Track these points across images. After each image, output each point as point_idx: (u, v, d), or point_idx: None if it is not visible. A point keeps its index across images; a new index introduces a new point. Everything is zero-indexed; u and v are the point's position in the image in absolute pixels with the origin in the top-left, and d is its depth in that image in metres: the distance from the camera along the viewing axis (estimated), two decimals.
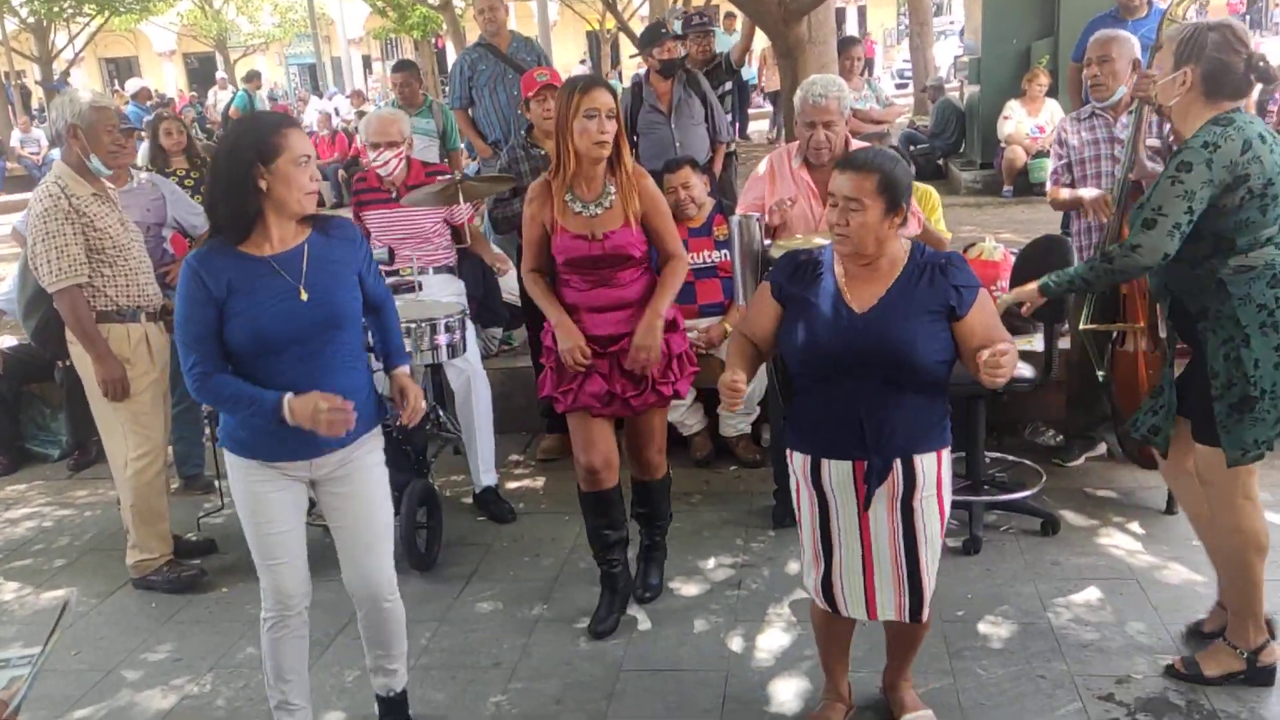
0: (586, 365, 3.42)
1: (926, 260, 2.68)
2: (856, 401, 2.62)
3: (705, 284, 5.02)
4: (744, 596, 3.84)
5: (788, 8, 5.76)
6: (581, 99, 3.25)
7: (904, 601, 2.74)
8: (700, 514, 4.55)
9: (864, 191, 2.57)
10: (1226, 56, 2.87)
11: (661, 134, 6.31)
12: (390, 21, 27.43)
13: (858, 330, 2.61)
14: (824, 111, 4.02)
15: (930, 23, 18.86)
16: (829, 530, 2.75)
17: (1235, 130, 2.83)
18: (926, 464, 2.66)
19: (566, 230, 3.39)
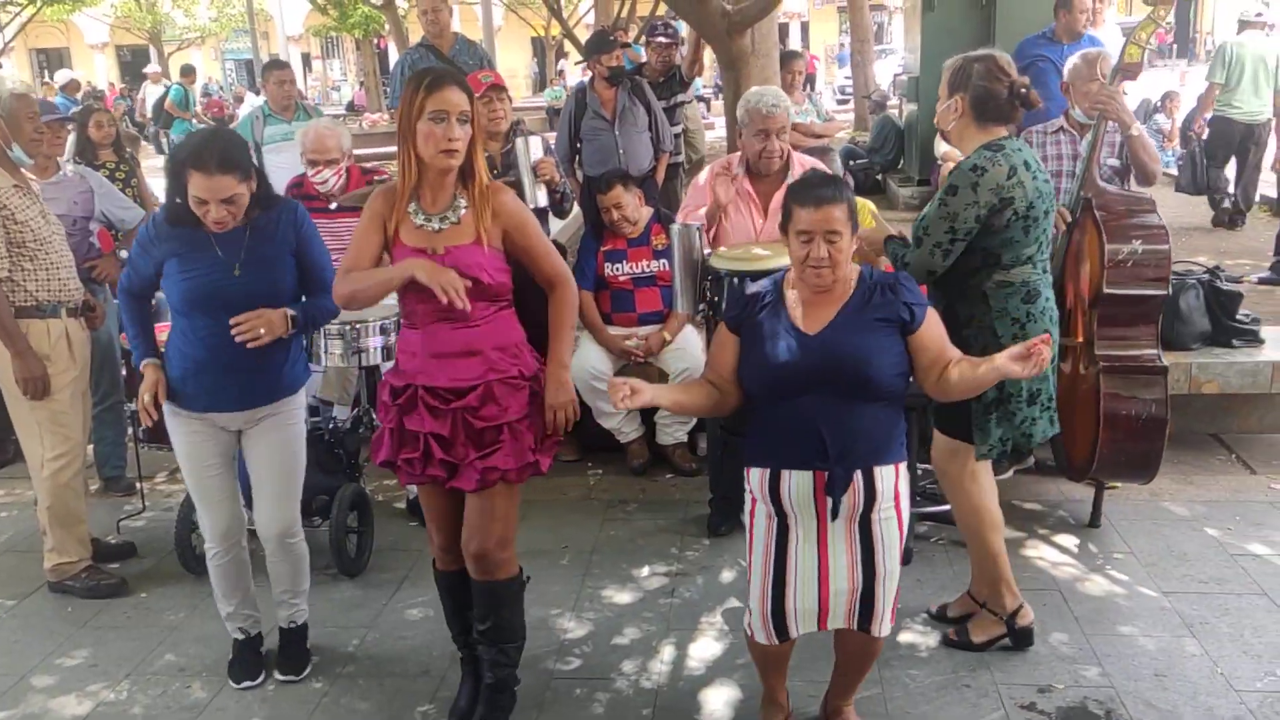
0: (465, 306, 2.72)
1: (876, 280, 2.73)
2: (817, 415, 2.64)
3: (644, 293, 5.03)
4: (677, 605, 3.84)
5: (732, 20, 5.80)
6: (427, 98, 2.72)
7: (855, 608, 2.73)
8: (635, 521, 4.54)
9: (839, 221, 2.63)
10: (990, 84, 3.17)
11: (605, 141, 6.32)
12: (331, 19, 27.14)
13: (813, 350, 2.65)
14: (776, 120, 4.08)
15: (871, 40, 19.14)
16: (785, 551, 2.73)
17: (1003, 157, 3.12)
18: (885, 476, 2.68)
19: (405, 244, 2.85)
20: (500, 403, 2.88)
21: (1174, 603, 3.69)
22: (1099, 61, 4.37)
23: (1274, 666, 3.31)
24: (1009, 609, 3.43)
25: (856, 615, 2.74)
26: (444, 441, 2.88)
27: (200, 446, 3.27)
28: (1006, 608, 3.43)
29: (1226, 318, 5.00)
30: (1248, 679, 3.25)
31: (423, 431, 2.87)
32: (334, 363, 4.10)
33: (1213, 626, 3.54)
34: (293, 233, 3.20)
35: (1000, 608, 3.44)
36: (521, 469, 2.92)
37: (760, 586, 2.76)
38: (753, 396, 2.77)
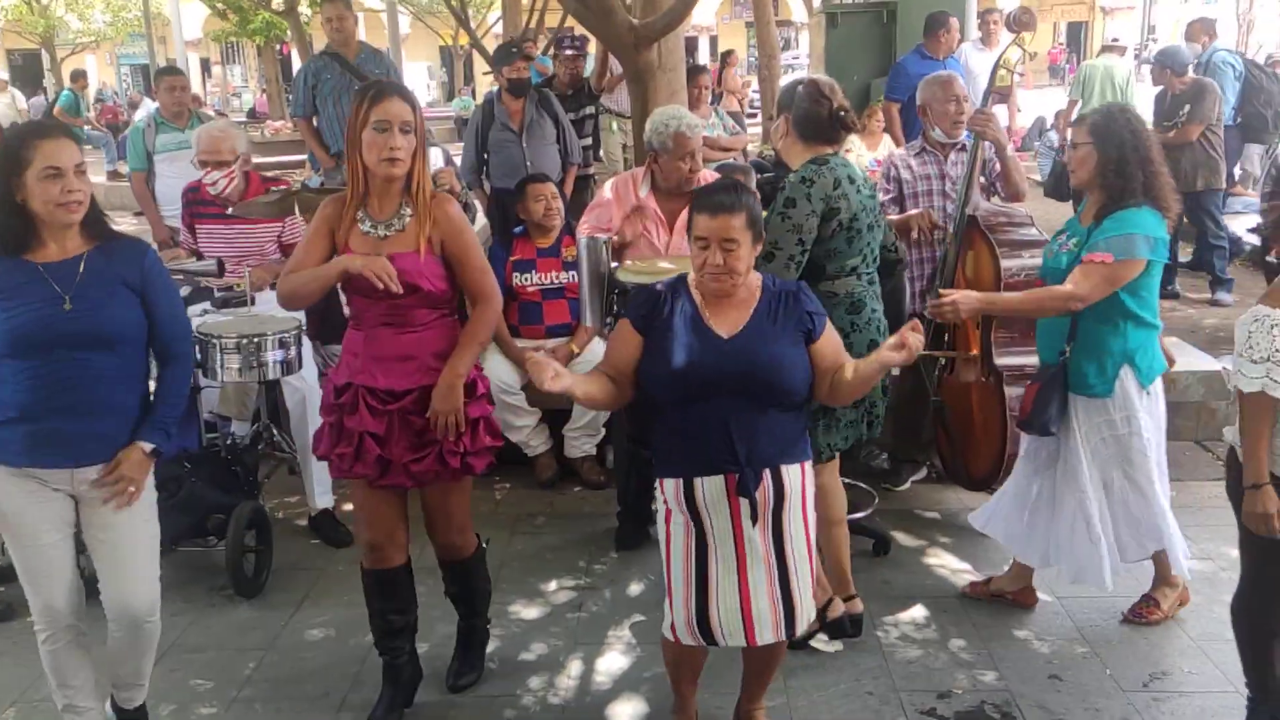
0: (398, 290, 2.83)
1: (779, 289, 2.81)
2: (725, 418, 2.68)
3: (553, 305, 5.01)
4: (584, 619, 3.82)
5: (639, 33, 5.81)
6: (371, 109, 2.83)
7: (780, 619, 2.77)
8: (543, 536, 4.52)
9: (737, 230, 2.67)
10: (812, 106, 3.36)
11: (512, 153, 6.30)
12: (231, 25, 26.54)
13: (727, 354, 2.70)
14: (697, 141, 4.13)
15: (778, 55, 19.38)
16: (705, 557, 2.75)
17: (828, 169, 3.31)
18: (792, 475, 2.76)
19: (353, 250, 2.94)
20: None
21: (1067, 606, 3.79)
22: (951, 83, 4.53)
23: (1160, 667, 3.43)
24: (819, 602, 3.40)
25: (783, 624, 2.78)
26: (379, 440, 2.97)
27: (26, 510, 2.77)
28: (818, 600, 3.42)
29: None
30: (1135, 680, 3.36)
31: (360, 430, 2.96)
32: (231, 378, 4.00)
33: (1102, 629, 3.65)
34: (137, 272, 2.80)
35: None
36: (456, 472, 3.03)
37: (683, 594, 2.76)
38: (660, 399, 2.77)
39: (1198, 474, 4.96)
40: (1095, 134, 3.32)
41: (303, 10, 21.25)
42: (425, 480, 3.03)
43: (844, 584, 3.60)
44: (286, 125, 17.13)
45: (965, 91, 4.67)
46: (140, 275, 2.80)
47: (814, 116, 3.35)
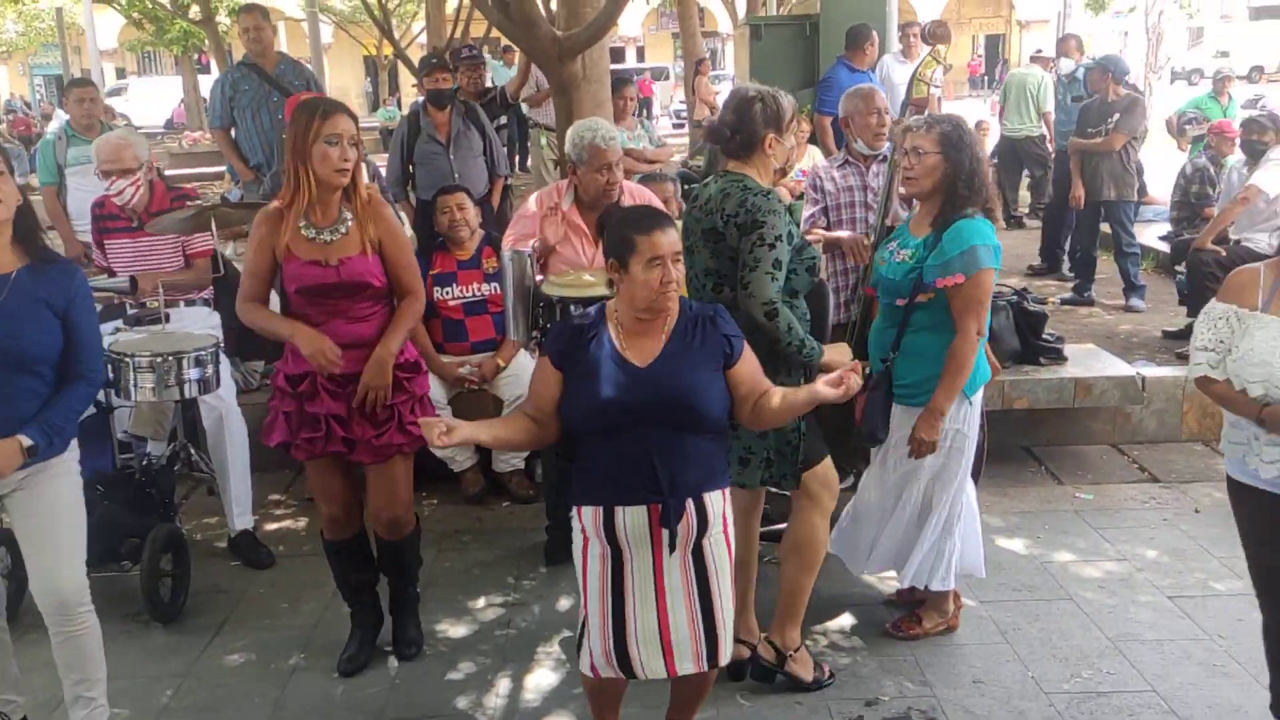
0: (338, 370, 3.20)
1: (696, 313, 2.77)
2: (647, 448, 2.65)
3: (476, 320, 4.97)
4: (513, 636, 3.79)
5: (562, 45, 5.81)
6: (322, 124, 3.12)
7: (701, 649, 2.74)
8: (471, 552, 4.47)
9: (680, 243, 2.70)
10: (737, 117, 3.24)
11: (439, 164, 6.24)
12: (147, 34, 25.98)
13: (644, 384, 2.66)
14: (614, 153, 4.10)
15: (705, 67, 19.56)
16: (622, 588, 2.71)
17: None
18: (714, 502, 2.73)
19: (298, 257, 3.21)
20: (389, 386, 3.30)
21: (990, 611, 3.86)
22: (872, 96, 4.60)
23: (1080, 668, 3.50)
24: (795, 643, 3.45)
25: (705, 654, 2.74)
26: (342, 421, 3.28)
27: None
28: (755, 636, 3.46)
29: (1034, 337, 5.29)
30: (1056, 681, 3.43)
31: (324, 413, 3.26)
32: (145, 397, 3.89)
33: (1025, 632, 3.72)
34: (64, 295, 2.83)
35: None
36: (412, 441, 3.35)
37: (600, 623, 2.72)
38: (579, 433, 2.73)
39: (1114, 477, 5.09)
40: (947, 144, 3.32)
41: (221, 20, 20.90)
42: (387, 454, 3.35)
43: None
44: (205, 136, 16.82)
45: (886, 104, 4.73)
46: (66, 299, 2.84)
47: (720, 133, 3.31)
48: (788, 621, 3.40)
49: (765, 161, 3.20)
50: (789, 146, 3.23)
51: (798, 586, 3.39)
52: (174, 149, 18.78)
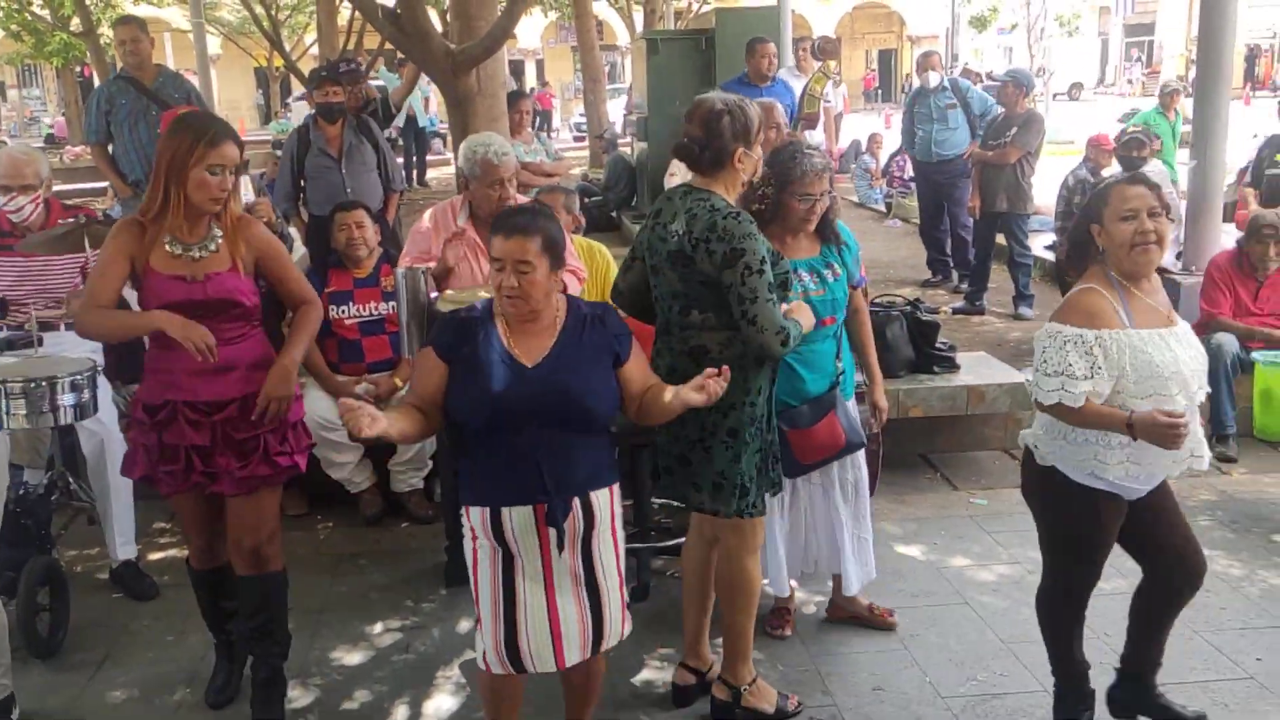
0: (214, 360, 2.97)
1: (585, 312, 2.77)
2: (533, 447, 2.64)
3: (372, 340, 4.87)
4: (411, 661, 3.70)
5: (456, 59, 5.76)
6: (208, 151, 2.98)
7: (588, 639, 2.75)
8: (368, 576, 4.36)
9: (530, 253, 2.62)
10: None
11: (331, 179, 6.13)
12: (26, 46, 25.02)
13: (532, 382, 2.64)
14: (507, 169, 4.04)
15: (604, 79, 19.64)
16: (513, 584, 2.70)
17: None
18: (601, 500, 2.74)
19: (160, 272, 3.04)
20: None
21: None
22: (771, 110, 4.65)
23: (975, 671, 3.56)
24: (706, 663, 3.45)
25: (590, 643, 2.76)
26: (204, 452, 3.10)
27: None
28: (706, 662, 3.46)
29: (928, 346, 5.40)
30: (952, 685, 3.48)
31: (184, 444, 3.08)
32: (18, 424, 3.69)
33: (923, 638, 3.77)
34: None
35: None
36: (280, 472, 3.19)
37: (491, 621, 2.72)
38: (466, 429, 2.71)
39: (1006, 481, 5.20)
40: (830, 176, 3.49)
41: (103, 32, 20.21)
42: (253, 485, 3.16)
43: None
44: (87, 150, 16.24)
45: (784, 119, 4.78)
46: None
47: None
48: (736, 660, 3.31)
49: (734, 176, 3.06)
50: (757, 158, 3.09)
51: (738, 627, 3.29)
52: (56, 164, 18.09)
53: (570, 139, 27.05)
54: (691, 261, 2.98)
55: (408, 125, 15.40)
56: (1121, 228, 2.84)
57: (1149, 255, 2.84)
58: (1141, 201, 2.83)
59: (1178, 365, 2.80)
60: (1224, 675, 3.48)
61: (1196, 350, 2.88)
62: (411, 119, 15.32)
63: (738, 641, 3.31)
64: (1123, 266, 2.88)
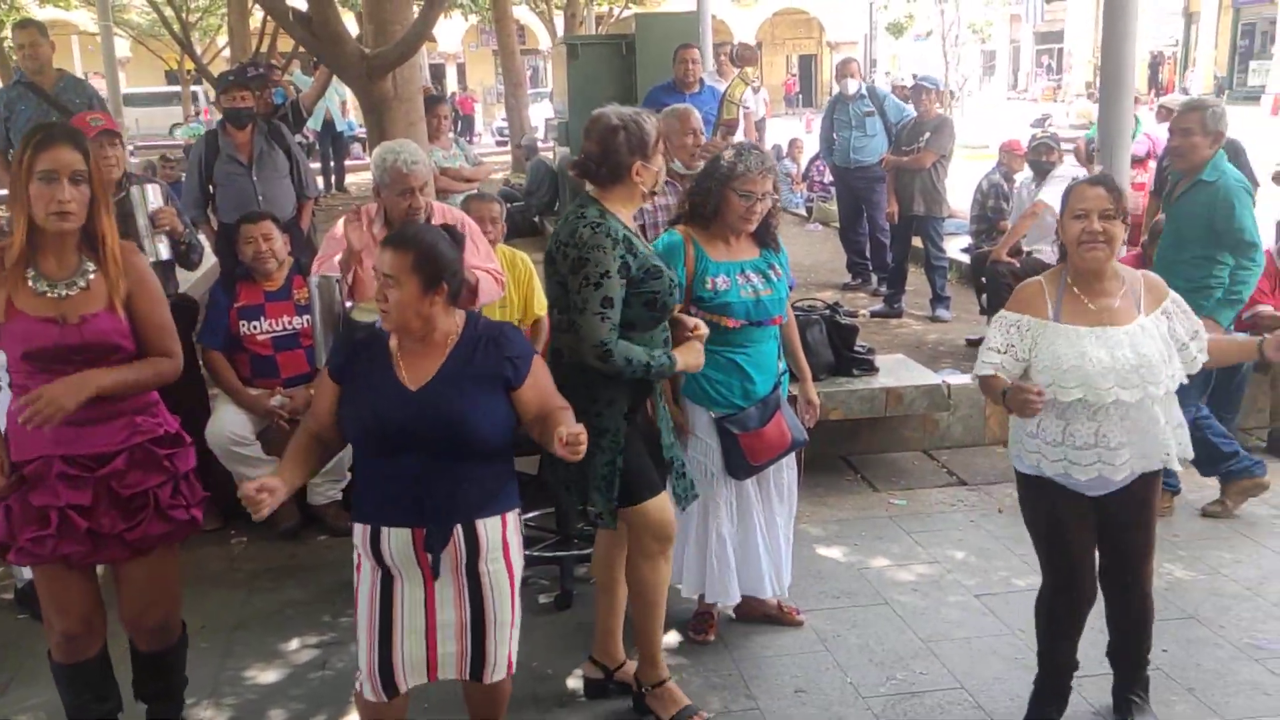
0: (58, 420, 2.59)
1: (481, 333, 2.71)
2: (416, 472, 2.59)
3: (287, 355, 4.75)
4: (329, 678, 3.63)
5: (371, 63, 5.66)
6: (36, 157, 2.60)
7: (465, 664, 2.70)
8: (284, 591, 4.27)
9: (400, 269, 2.57)
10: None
11: (242, 186, 6.00)
12: None
13: (413, 406, 2.59)
14: (417, 177, 3.94)
15: (525, 84, 19.54)
16: (390, 605, 2.66)
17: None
18: (490, 529, 2.67)
19: (25, 313, 2.66)
20: (146, 466, 2.80)
21: (811, 620, 3.93)
22: (688, 116, 4.68)
23: (895, 671, 3.60)
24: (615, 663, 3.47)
25: (469, 666, 2.71)
26: (85, 512, 2.71)
27: None
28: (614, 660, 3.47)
29: (846, 349, 5.45)
30: (873, 685, 3.52)
31: (57, 505, 2.69)
32: None
33: (844, 639, 3.81)
34: None
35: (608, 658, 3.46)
36: (177, 528, 2.86)
37: (367, 640, 2.67)
38: (354, 448, 2.70)
39: (925, 482, 5.29)
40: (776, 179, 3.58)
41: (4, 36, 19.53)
42: (145, 547, 2.82)
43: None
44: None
45: (701, 124, 4.80)
46: None
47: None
48: (642, 661, 3.35)
49: (632, 189, 3.09)
50: (657, 169, 3.11)
51: (642, 629, 3.30)
52: None
53: (493, 144, 26.88)
54: (554, 263, 3.07)
55: (325, 129, 15.18)
56: (1073, 225, 2.96)
57: (1095, 253, 2.94)
58: (1095, 203, 2.93)
59: (1081, 362, 2.89)
60: None
61: (1128, 352, 2.92)
62: (329, 123, 15.09)
63: (639, 642, 3.32)
64: (1074, 263, 3.00)
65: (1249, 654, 3.64)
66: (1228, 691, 3.43)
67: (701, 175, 3.49)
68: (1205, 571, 4.24)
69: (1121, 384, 2.91)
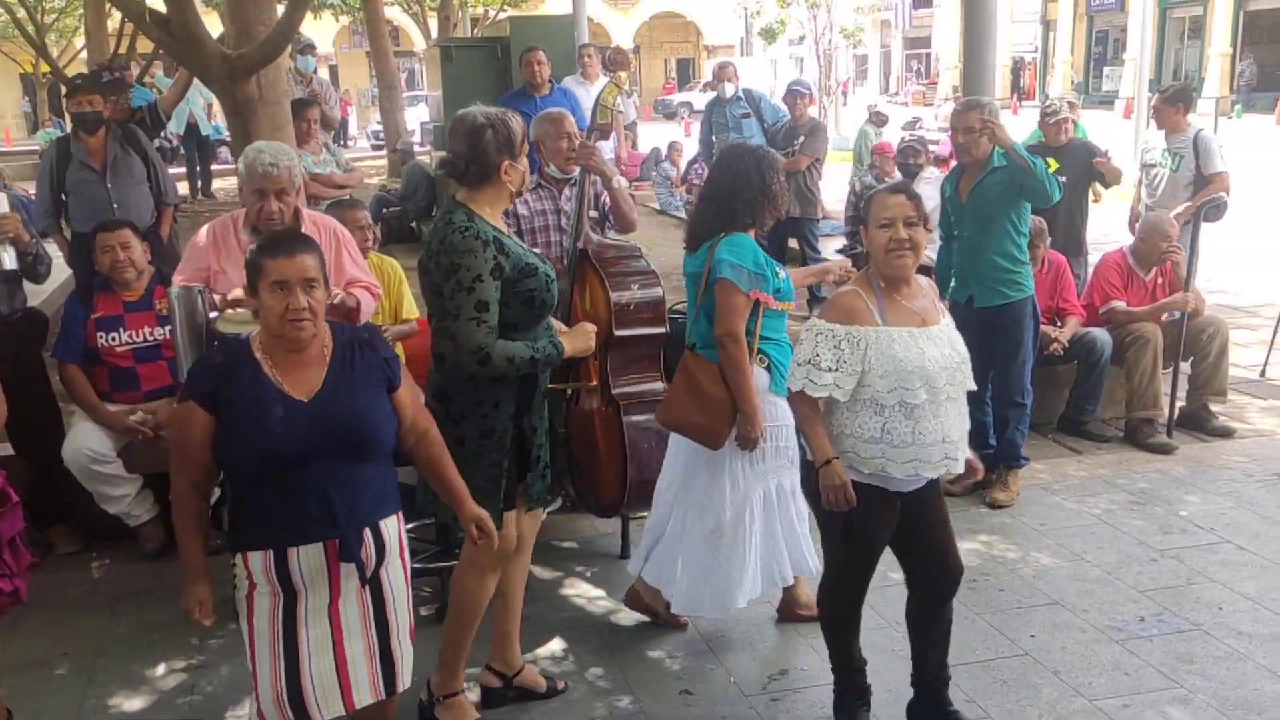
0: None
1: (350, 337, 2.68)
2: (322, 483, 2.52)
3: (149, 367, 4.55)
4: (197, 703, 3.50)
5: (234, 65, 5.48)
6: None
7: (377, 679, 2.65)
8: (149, 614, 4.09)
9: (314, 270, 2.54)
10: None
11: (95, 193, 5.74)
12: None
13: (310, 417, 2.52)
14: (275, 181, 3.78)
15: (399, 87, 19.23)
16: (295, 629, 2.57)
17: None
18: (390, 528, 2.67)
19: None
20: None
21: (695, 621, 3.94)
22: (562, 120, 4.67)
23: (777, 669, 3.65)
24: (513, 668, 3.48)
25: (381, 682, 2.66)
26: None
27: None
28: (511, 667, 3.48)
29: None
30: (756, 683, 3.56)
31: None
32: None
33: (728, 639, 3.83)
34: None
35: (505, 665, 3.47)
36: (11, 596, 2.72)
37: (270, 673, 2.57)
38: (242, 476, 2.56)
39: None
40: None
41: None
42: None
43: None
44: None
45: (576, 128, 4.78)
46: None
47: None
48: (441, 669, 3.33)
49: (500, 189, 3.09)
50: (523, 169, 3.13)
51: (448, 636, 3.31)
52: None
53: (369, 147, 26.37)
54: (428, 272, 3.05)
55: (189, 133, 14.66)
56: (879, 234, 3.02)
57: (903, 260, 3.01)
58: (898, 210, 3.00)
59: (922, 360, 2.95)
60: (1002, 653, 3.69)
61: (950, 349, 3.03)
62: (193, 126, 14.59)
63: (444, 650, 3.31)
64: (881, 270, 3.04)
65: (1110, 636, 3.79)
66: (1091, 673, 3.57)
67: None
68: (1069, 558, 4.40)
69: (951, 380, 3.01)
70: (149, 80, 13.59)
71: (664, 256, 10.01)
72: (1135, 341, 5.74)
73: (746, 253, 3.51)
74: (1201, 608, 3.96)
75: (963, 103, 4.99)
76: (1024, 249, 4.92)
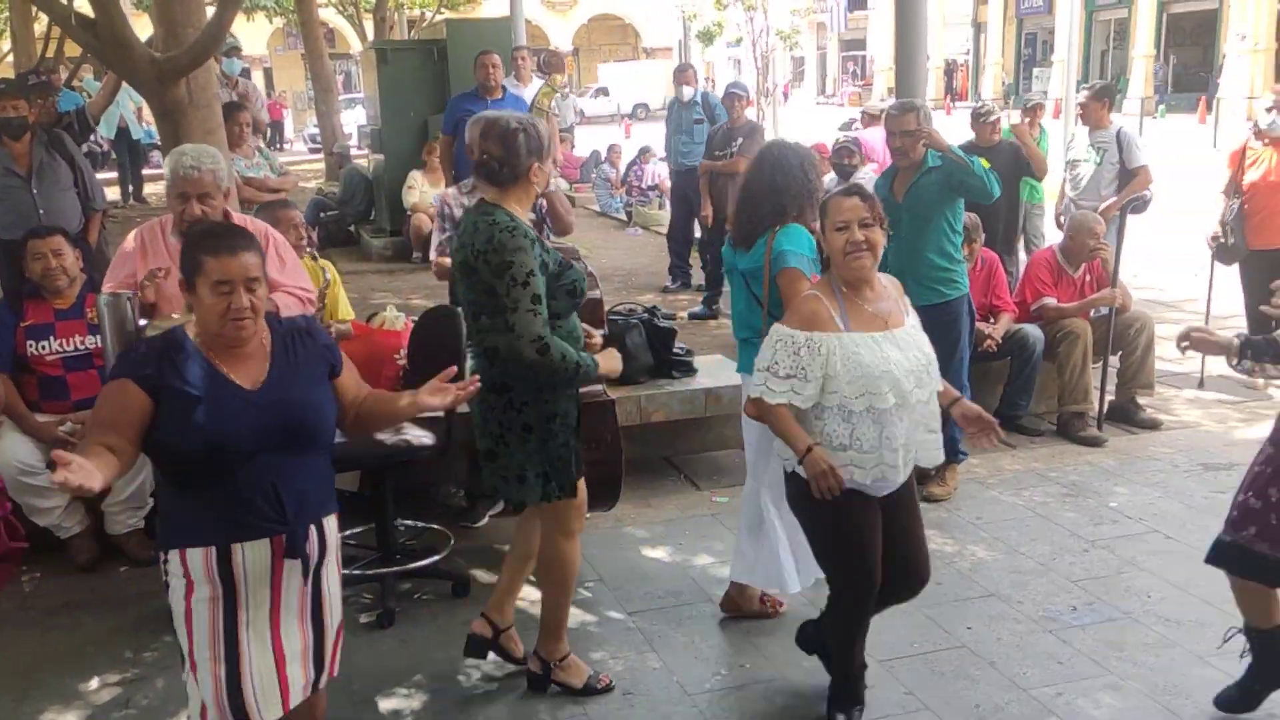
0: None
1: (288, 327, 2.67)
2: (269, 476, 2.48)
3: (79, 376, 4.46)
4: (132, 716, 3.44)
5: (162, 68, 5.38)
6: None
7: (310, 674, 2.64)
8: (83, 628, 4.01)
9: (257, 268, 2.53)
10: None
11: (21, 199, 5.62)
12: None
13: (258, 407, 2.48)
14: (197, 184, 3.71)
15: (335, 90, 19.01)
16: (235, 629, 2.52)
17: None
18: (330, 526, 2.65)
19: None
20: None
21: (638, 622, 3.97)
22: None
23: (720, 667, 3.68)
24: (557, 655, 3.54)
25: (312, 680, 2.64)
26: None
27: None
28: (555, 653, 3.54)
29: (665, 352, 5.53)
30: (699, 682, 3.58)
31: None
32: None
33: (670, 638, 3.85)
34: None
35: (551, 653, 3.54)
36: None
37: (212, 677, 2.51)
38: (183, 468, 2.48)
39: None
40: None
41: None
42: None
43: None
44: None
45: None
46: None
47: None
48: (549, 637, 3.51)
49: (528, 189, 3.25)
50: (548, 171, 3.34)
51: (551, 604, 3.50)
52: None
53: (305, 151, 26.05)
54: (475, 273, 3.16)
55: (120, 137, 14.37)
56: (835, 237, 3.03)
57: (861, 262, 3.03)
58: (854, 213, 3.02)
59: (888, 365, 2.97)
60: (940, 645, 3.75)
61: (916, 351, 3.06)
62: (124, 130, 14.29)
63: (549, 618, 3.51)
64: (841, 273, 3.06)
65: (1044, 626, 3.87)
66: (1026, 663, 3.64)
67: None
68: (1004, 551, 4.49)
69: (918, 384, 3.03)
70: (78, 84, 13.31)
71: (604, 259, 10.06)
72: (1066, 337, 5.87)
73: (804, 241, 3.61)
74: (1131, 596, 4.07)
75: (897, 105, 5.07)
76: (959, 247, 5.00)
